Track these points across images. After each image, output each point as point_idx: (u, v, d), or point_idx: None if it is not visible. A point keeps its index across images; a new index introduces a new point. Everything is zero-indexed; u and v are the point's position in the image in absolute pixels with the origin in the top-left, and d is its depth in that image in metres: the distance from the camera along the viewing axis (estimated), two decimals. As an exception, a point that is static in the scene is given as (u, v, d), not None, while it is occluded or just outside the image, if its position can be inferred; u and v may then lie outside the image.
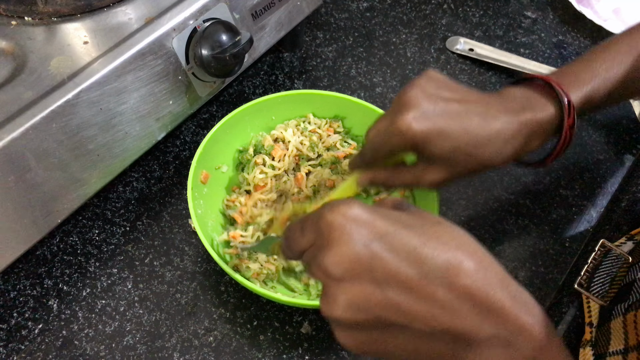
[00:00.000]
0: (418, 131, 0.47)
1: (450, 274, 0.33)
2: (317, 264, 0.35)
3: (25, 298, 0.59)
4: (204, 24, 0.60)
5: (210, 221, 0.60)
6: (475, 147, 0.48)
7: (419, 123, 0.47)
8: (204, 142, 0.60)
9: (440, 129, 0.47)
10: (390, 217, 0.35)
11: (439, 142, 0.47)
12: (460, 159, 0.49)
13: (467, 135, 0.48)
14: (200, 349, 0.57)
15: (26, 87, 0.52)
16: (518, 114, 0.49)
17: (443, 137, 0.47)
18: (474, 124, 0.48)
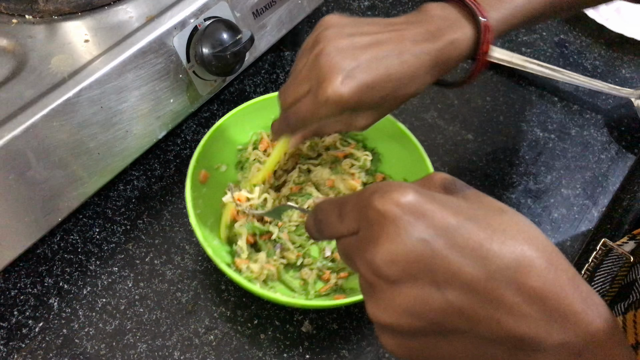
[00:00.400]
0: (349, 96, 0.45)
1: (520, 273, 0.29)
2: (364, 261, 0.31)
3: (25, 296, 0.59)
4: (205, 22, 0.60)
5: (210, 220, 0.60)
6: (399, 88, 0.48)
7: (347, 87, 0.45)
8: (202, 142, 0.59)
9: (366, 84, 0.46)
10: (450, 205, 0.31)
11: (368, 95, 0.46)
12: (387, 103, 0.49)
13: (391, 81, 0.47)
14: (201, 347, 0.57)
15: (27, 85, 0.52)
16: (435, 40, 0.48)
17: (370, 90, 0.46)
18: (394, 66, 0.46)
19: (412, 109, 0.78)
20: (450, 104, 0.79)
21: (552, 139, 0.76)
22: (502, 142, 0.75)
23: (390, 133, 0.65)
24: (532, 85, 0.82)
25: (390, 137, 0.65)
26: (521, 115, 0.78)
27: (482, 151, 0.74)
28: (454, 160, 0.73)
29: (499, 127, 0.77)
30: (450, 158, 0.73)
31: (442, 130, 0.76)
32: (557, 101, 0.80)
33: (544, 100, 0.80)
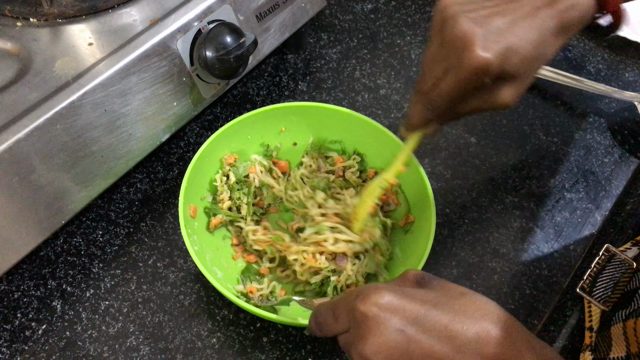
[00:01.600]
0: (493, 59, 0.44)
1: (481, 345, 0.36)
2: (357, 353, 0.38)
3: (29, 299, 0.59)
4: (208, 25, 0.60)
5: (208, 255, 0.59)
6: (534, 52, 0.47)
7: (489, 51, 0.44)
8: (186, 177, 0.58)
9: (506, 47, 0.45)
10: (417, 298, 0.38)
11: (510, 60, 0.46)
12: (527, 68, 0.48)
13: (526, 44, 0.46)
14: (204, 350, 0.57)
15: (31, 88, 0.52)
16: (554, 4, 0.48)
17: (511, 53, 0.45)
18: (525, 30, 0.46)
19: (415, 112, 0.78)
20: (453, 107, 0.79)
21: (555, 142, 0.76)
22: (505, 146, 0.75)
23: (367, 132, 0.66)
24: (535, 89, 0.82)
25: (368, 135, 0.66)
26: (524, 118, 0.78)
27: (485, 154, 0.74)
28: (457, 164, 0.73)
29: (502, 130, 0.77)
30: (453, 161, 0.73)
31: (445, 133, 0.76)
32: (560, 104, 0.80)
33: (547, 104, 0.80)
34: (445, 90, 0.47)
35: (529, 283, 0.63)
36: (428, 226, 0.57)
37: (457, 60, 0.45)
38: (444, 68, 0.47)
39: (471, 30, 0.45)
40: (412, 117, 0.52)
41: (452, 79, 0.46)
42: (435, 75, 0.48)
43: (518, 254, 0.65)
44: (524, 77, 0.48)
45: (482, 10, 0.47)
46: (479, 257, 0.65)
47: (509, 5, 0.48)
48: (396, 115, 0.77)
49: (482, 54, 0.44)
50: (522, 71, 0.47)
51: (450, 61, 0.46)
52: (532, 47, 0.46)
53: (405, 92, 0.80)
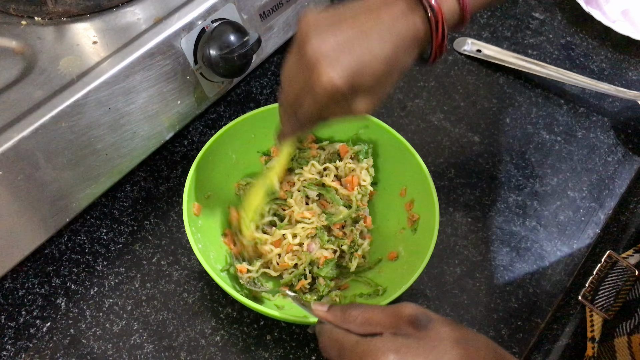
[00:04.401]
0: (340, 81, 0.46)
1: None
2: None
3: (33, 296, 0.59)
4: (212, 24, 0.60)
5: (212, 253, 0.59)
6: (388, 66, 0.48)
7: (336, 72, 0.46)
8: (190, 174, 0.58)
9: (354, 66, 0.46)
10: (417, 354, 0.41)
11: (360, 77, 0.47)
12: (381, 81, 0.49)
13: (378, 60, 0.47)
14: (207, 348, 0.57)
15: (36, 86, 0.52)
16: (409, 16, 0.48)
17: (360, 71, 0.46)
18: (377, 46, 0.47)
19: (418, 111, 0.78)
20: (456, 106, 0.79)
21: (558, 141, 0.76)
22: (508, 145, 0.75)
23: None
24: (538, 88, 0.82)
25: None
26: (527, 117, 0.78)
27: (489, 153, 0.74)
28: (460, 162, 0.73)
29: (505, 129, 0.77)
30: (456, 160, 0.73)
31: (448, 132, 0.76)
32: (564, 103, 0.80)
33: (550, 103, 0.80)
34: (307, 110, 0.50)
35: (532, 282, 0.63)
36: (431, 225, 0.57)
37: (309, 81, 0.47)
38: (301, 87, 0.49)
39: (321, 51, 0.46)
40: (284, 130, 0.55)
41: (310, 101, 0.48)
42: (294, 92, 0.50)
43: (521, 253, 0.65)
44: (378, 90, 0.49)
45: (336, 26, 0.47)
46: (482, 255, 0.65)
47: (364, 19, 0.48)
48: (399, 113, 0.77)
49: (328, 77, 0.46)
50: (374, 85, 0.48)
51: (305, 81, 0.48)
52: (384, 63, 0.47)
53: (408, 91, 0.80)
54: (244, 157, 0.67)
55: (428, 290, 0.62)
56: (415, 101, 0.79)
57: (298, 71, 0.49)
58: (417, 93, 0.80)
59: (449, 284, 0.63)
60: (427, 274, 0.63)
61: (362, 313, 0.45)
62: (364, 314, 0.45)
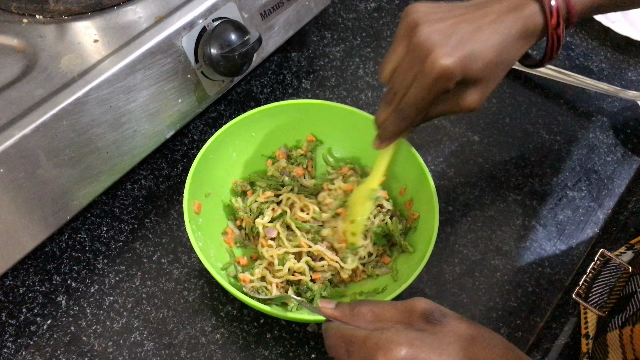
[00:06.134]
0: (455, 65, 0.46)
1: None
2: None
3: (34, 294, 0.60)
4: (213, 23, 0.60)
5: (212, 251, 0.59)
6: (498, 55, 0.48)
7: (451, 57, 0.46)
8: (191, 173, 0.58)
9: (468, 53, 0.47)
10: (431, 349, 0.39)
11: (472, 65, 0.47)
12: (491, 73, 0.49)
13: (489, 48, 0.48)
14: (207, 346, 0.57)
15: (37, 84, 0.52)
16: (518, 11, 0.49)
17: (473, 58, 0.47)
18: (489, 35, 0.48)
19: (418, 111, 0.78)
20: (456, 106, 0.79)
21: (557, 141, 0.76)
22: (508, 144, 0.75)
23: None
24: (538, 88, 0.82)
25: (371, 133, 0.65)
26: (527, 117, 0.79)
27: (488, 153, 0.74)
28: (459, 162, 0.73)
29: (505, 128, 0.77)
30: (456, 159, 0.73)
31: (448, 131, 0.76)
32: (563, 103, 0.80)
33: (550, 103, 0.80)
34: (413, 100, 0.49)
35: (532, 281, 0.63)
36: (431, 224, 0.58)
37: (420, 67, 0.47)
38: (410, 75, 0.49)
39: (435, 40, 0.47)
40: (387, 129, 0.55)
41: (418, 88, 0.48)
42: (403, 84, 0.50)
43: (520, 252, 0.66)
44: (487, 81, 0.50)
45: (448, 18, 0.49)
46: (482, 254, 0.65)
47: (475, 12, 0.49)
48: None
49: (442, 61, 0.46)
50: (485, 75, 0.49)
51: (414, 69, 0.48)
52: (495, 53, 0.48)
53: (408, 91, 0.80)
54: (244, 156, 0.67)
55: (427, 289, 0.62)
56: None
57: (406, 59, 0.49)
58: (417, 92, 0.80)
59: (449, 283, 0.63)
60: (426, 272, 0.63)
61: (372, 309, 0.44)
62: (374, 310, 0.43)
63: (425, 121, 0.54)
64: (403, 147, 0.63)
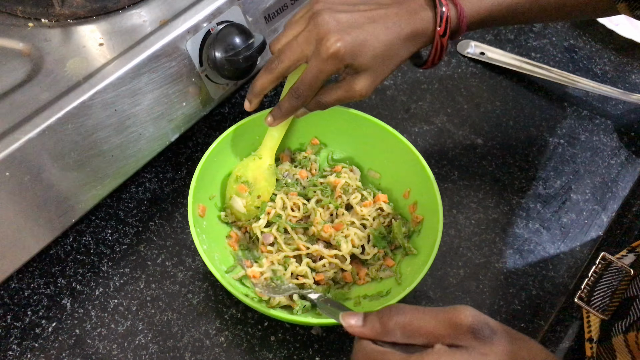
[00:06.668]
0: (346, 49, 0.53)
1: None
2: None
3: (39, 297, 0.60)
4: (217, 26, 0.61)
5: (216, 254, 0.59)
6: (387, 50, 0.55)
7: (344, 41, 0.53)
8: (195, 176, 0.59)
9: (360, 41, 0.53)
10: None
11: (362, 52, 0.54)
12: (379, 63, 0.56)
13: (380, 42, 0.55)
14: (212, 349, 0.57)
15: (42, 88, 0.53)
16: (411, 16, 0.56)
17: (364, 47, 0.54)
18: (382, 30, 0.55)
19: (422, 114, 0.78)
20: (460, 109, 0.79)
21: (561, 144, 0.76)
22: (511, 147, 0.75)
23: None
24: (541, 91, 0.82)
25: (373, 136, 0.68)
26: (531, 120, 0.79)
27: (492, 155, 0.74)
28: (463, 165, 0.73)
29: (508, 131, 0.77)
30: (459, 162, 0.73)
31: (451, 134, 0.76)
32: (567, 106, 0.80)
33: (553, 106, 0.80)
34: (308, 78, 0.55)
35: (535, 284, 0.63)
36: (435, 227, 0.58)
37: (316, 47, 0.54)
38: (302, 52, 0.55)
39: (333, 24, 0.53)
40: (281, 107, 0.60)
41: (312, 66, 0.55)
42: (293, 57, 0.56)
43: (524, 255, 0.66)
44: (375, 71, 0.56)
45: (349, 11, 0.55)
46: (486, 257, 0.65)
47: (375, 10, 0.56)
48: (403, 116, 0.78)
49: (336, 44, 0.53)
50: (372, 65, 0.55)
51: (309, 48, 0.55)
52: (384, 47, 0.55)
53: (411, 94, 0.80)
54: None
55: (431, 292, 0.62)
56: (418, 103, 0.79)
57: (302, 36, 0.55)
58: (420, 95, 0.80)
59: (453, 286, 0.63)
60: (430, 275, 0.63)
61: (409, 321, 0.38)
62: (412, 323, 0.38)
63: (324, 108, 0.59)
64: (407, 151, 0.63)
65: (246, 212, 0.63)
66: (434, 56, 0.59)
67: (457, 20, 0.58)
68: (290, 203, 0.64)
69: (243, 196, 0.63)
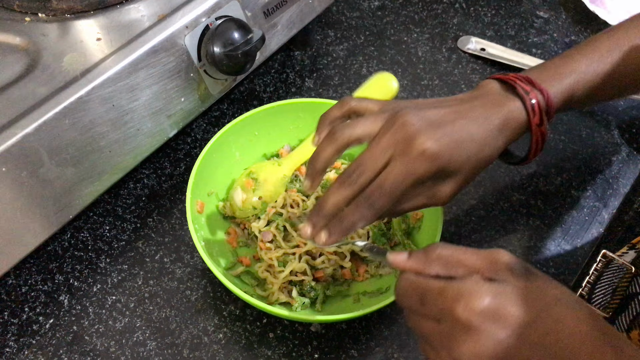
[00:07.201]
0: (441, 149, 0.45)
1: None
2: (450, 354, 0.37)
3: (36, 293, 0.60)
4: (216, 21, 0.60)
5: (215, 250, 0.59)
6: (480, 148, 0.48)
7: (438, 141, 0.45)
8: (194, 172, 0.58)
9: (455, 140, 0.46)
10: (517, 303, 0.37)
11: (456, 152, 0.46)
12: (472, 165, 0.49)
13: (473, 141, 0.48)
14: (210, 345, 0.57)
15: (39, 83, 0.52)
16: (499, 107, 0.50)
17: (458, 147, 0.46)
18: (473, 127, 0.48)
19: (422, 110, 0.78)
20: (460, 105, 0.79)
21: (562, 140, 0.76)
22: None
23: None
24: (542, 87, 0.82)
25: None
26: (531, 116, 0.78)
27: (492, 152, 0.74)
28: (463, 161, 0.73)
29: (509, 128, 0.77)
30: (460, 159, 0.73)
31: (451, 131, 0.76)
32: (568, 102, 0.80)
33: (554, 102, 0.80)
34: (391, 179, 0.45)
35: (536, 281, 0.63)
36: (435, 223, 0.57)
37: (404, 146, 0.45)
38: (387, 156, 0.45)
39: (421, 123, 0.46)
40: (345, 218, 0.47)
41: (398, 167, 0.45)
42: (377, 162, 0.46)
43: (525, 252, 0.65)
44: (466, 174, 0.49)
45: (435, 108, 0.48)
46: (486, 254, 0.65)
47: (460, 105, 0.49)
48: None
49: (429, 144, 0.45)
50: (465, 167, 0.48)
51: (395, 149, 0.45)
52: (478, 145, 0.48)
53: (412, 90, 0.80)
54: (247, 155, 0.67)
55: (431, 289, 0.62)
56: (418, 99, 0.79)
57: (390, 139, 0.46)
58: (420, 92, 0.80)
59: (452, 283, 0.63)
60: (430, 272, 0.63)
61: (450, 254, 0.40)
62: (453, 255, 0.40)
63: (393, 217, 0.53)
64: None
65: (241, 208, 0.63)
66: (536, 148, 0.53)
67: (546, 106, 0.51)
68: (290, 200, 0.64)
69: (246, 191, 0.63)
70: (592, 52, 0.55)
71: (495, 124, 0.49)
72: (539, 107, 0.50)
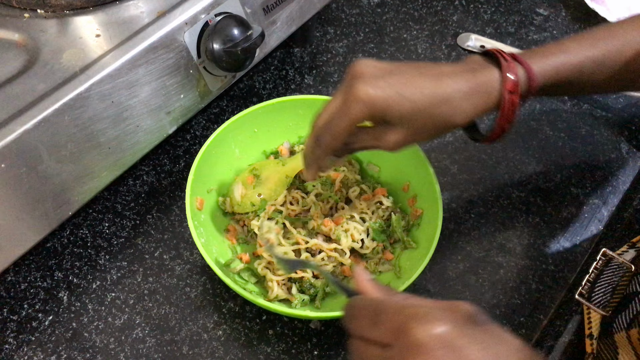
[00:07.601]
0: (378, 96, 0.46)
1: None
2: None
3: (35, 290, 0.59)
4: (215, 18, 0.60)
5: (214, 247, 0.59)
6: (432, 106, 0.48)
7: (376, 89, 0.46)
8: (193, 169, 0.58)
9: (397, 93, 0.47)
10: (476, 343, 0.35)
11: (397, 103, 0.47)
12: (419, 119, 0.48)
13: (425, 96, 0.47)
14: (210, 342, 0.57)
15: (38, 79, 0.52)
16: (472, 74, 0.49)
17: (401, 99, 0.47)
18: (428, 84, 0.48)
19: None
20: (459, 102, 0.79)
21: (562, 137, 0.76)
22: (511, 141, 0.75)
23: None
24: (542, 84, 0.81)
25: None
26: (531, 113, 0.78)
27: (492, 149, 0.74)
28: (463, 159, 0.73)
29: (508, 125, 0.77)
30: (459, 156, 0.73)
31: (451, 128, 0.76)
32: (567, 100, 0.80)
33: (553, 99, 0.80)
34: (336, 128, 0.49)
35: (535, 278, 0.63)
36: (435, 220, 0.57)
37: (347, 91, 0.47)
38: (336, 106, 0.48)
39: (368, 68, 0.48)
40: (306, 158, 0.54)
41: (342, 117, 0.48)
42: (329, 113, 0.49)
43: (524, 249, 0.65)
44: (411, 128, 0.49)
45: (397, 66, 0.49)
46: (485, 251, 0.65)
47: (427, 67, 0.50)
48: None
49: (367, 90, 0.46)
50: (409, 121, 0.48)
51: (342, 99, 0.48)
52: (428, 101, 0.47)
53: (411, 87, 0.80)
54: (246, 152, 0.67)
55: (431, 285, 0.62)
56: None
57: (340, 93, 0.49)
58: (420, 88, 0.80)
59: (452, 280, 0.63)
60: (429, 269, 0.63)
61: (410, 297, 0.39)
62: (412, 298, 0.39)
63: (350, 153, 0.54)
64: None
65: (240, 203, 0.63)
66: (502, 121, 0.51)
67: (526, 78, 0.51)
68: (290, 197, 0.64)
69: (247, 186, 0.63)
70: (585, 38, 0.54)
71: (463, 87, 0.48)
72: (516, 76, 0.49)
